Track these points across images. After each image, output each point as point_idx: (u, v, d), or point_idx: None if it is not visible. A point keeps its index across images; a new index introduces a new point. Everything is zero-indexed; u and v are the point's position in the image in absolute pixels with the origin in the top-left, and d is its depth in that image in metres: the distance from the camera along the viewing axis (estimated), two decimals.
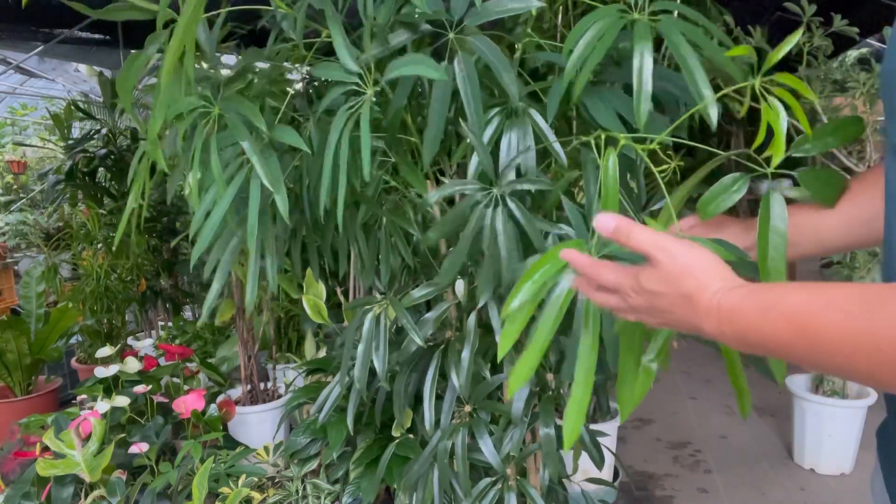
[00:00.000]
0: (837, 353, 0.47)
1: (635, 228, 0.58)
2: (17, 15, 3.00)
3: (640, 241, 0.58)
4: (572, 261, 0.63)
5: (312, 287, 2.00)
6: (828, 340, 0.47)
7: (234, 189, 0.94)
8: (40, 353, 3.01)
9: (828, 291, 0.49)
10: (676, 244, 0.57)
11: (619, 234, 0.59)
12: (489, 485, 1.28)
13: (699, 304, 0.55)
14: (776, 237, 0.70)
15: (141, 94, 3.29)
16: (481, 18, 0.88)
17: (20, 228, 5.22)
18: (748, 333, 0.52)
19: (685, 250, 0.57)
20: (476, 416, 1.29)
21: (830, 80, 2.31)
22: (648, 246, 0.58)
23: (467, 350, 1.17)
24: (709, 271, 0.56)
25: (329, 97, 0.93)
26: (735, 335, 0.53)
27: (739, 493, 2.43)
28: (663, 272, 0.56)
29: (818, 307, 0.48)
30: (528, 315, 0.70)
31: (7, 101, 6.77)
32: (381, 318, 1.22)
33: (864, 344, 0.45)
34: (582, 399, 0.68)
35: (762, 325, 0.51)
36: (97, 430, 1.65)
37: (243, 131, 0.91)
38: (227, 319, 2.75)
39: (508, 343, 0.70)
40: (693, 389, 3.53)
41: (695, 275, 0.55)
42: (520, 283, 0.67)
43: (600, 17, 0.80)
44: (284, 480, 1.80)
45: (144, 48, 1.00)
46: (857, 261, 2.34)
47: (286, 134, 0.94)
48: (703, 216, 0.75)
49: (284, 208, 0.92)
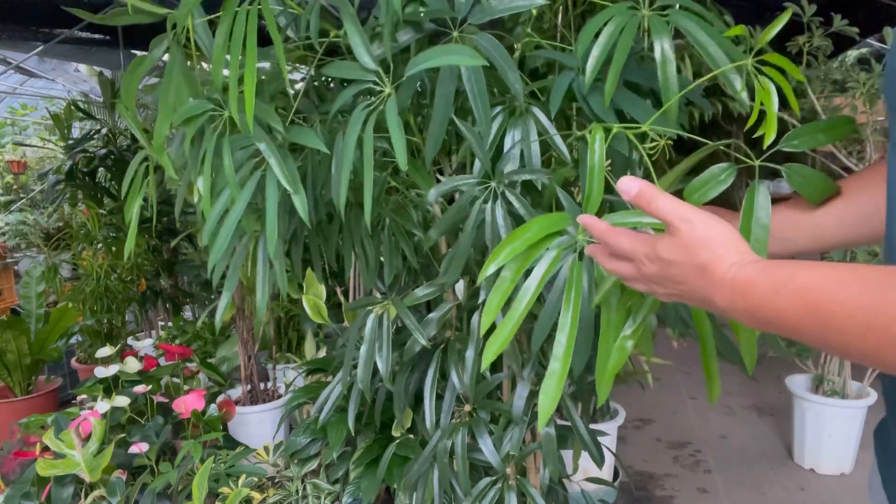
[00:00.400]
0: (847, 330, 0.47)
1: (658, 195, 0.58)
2: (18, 15, 3.00)
3: (662, 207, 0.57)
4: (589, 226, 0.62)
5: (312, 287, 2.00)
6: (839, 318, 0.47)
7: (249, 191, 0.93)
8: (40, 353, 3.01)
9: (841, 270, 0.49)
10: (698, 215, 0.57)
11: (642, 198, 0.58)
12: (489, 484, 1.28)
13: (714, 276, 0.54)
14: (759, 228, 0.70)
15: (141, 94, 3.30)
16: (486, 16, 0.87)
17: (20, 228, 5.22)
18: (760, 308, 0.52)
19: (706, 221, 0.56)
20: (476, 416, 1.29)
21: (830, 80, 2.31)
22: (669, 214, 0.57)
23: (471, 350, 1.17)
24: (727, 244, 0.55)
25: (344, 96, 0.92)
26: (747, 310, 0.53)
27: (739, 493, 2.43)
28: (682, 241, 0.56)
29: (831, 284, 0.48)
30: (512, 285, 0.70)
31: (7, 101, 6.77)
32: (384, 319, 1.22)
33: (874, 322, 0.45)
34: (560, 374, 0.69)
35: (775, 301, 0.51)
36: (97, 430, 1.65)
37: (259, 133, 0.90)
38: (227, 319, 2.75)
39: (492, 317, 0.70)
40: (693, 389, 3.53)
41: (712, 247, 0.55)
42: (498, 250, 0.67)
43: (612, 14, 0.80)
44: (284, 480, 1.80)
45: (149, 51, 1.00)
46: (856, 260, 2.35)
47: (302, 135, 0.93)
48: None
49: (304, 209, 0.91)
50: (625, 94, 0.88)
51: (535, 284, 0.70)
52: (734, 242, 0.56)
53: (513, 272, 0.70)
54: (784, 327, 0.51)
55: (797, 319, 0.50)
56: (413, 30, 0.93)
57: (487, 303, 0.70)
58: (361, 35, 0.88)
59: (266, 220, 0.92)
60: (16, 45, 3.71)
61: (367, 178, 0.85)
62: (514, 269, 0.70)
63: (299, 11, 1.00)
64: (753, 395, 3.41)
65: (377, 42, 0.94)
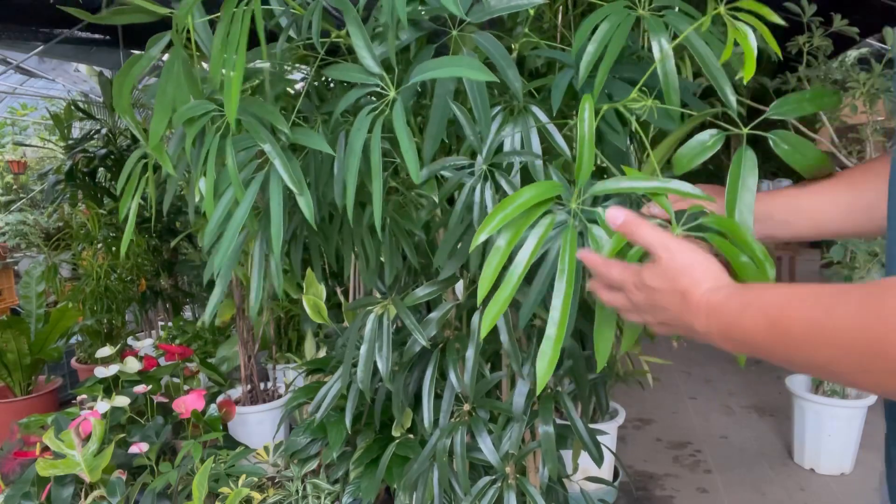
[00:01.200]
0: (803, 347, 0.48)
1: (642, 224, 0.61)
2: (18, 15, 3.00)
3: (645, 236, 0.60)
4: (586, 260, 0.65)
5: (312, 287, 2.00)
6: (795, 334, 0.48)
7: (253, 192, 0.93)
8: (40, 353, 3.01)
9: (800, 288, 0.50)
10: (678, 243, 0.59)
11: (626, 227, 0.62)
12: (488, 483, 1.28)
13: (691, 301, 0.57)
14: (746, 192, 0.71)
15: (140, 93, 3.30)
16: (485, 15, 0.87)
17: (20, 228, 5.22)
18: (731, 329, 0.54)
19: (685, 249, 0.59)
20: (475, 415, 1.29)
21: (830, 80, 2.32)
22: (652, 242, 0.60)
23: (471, 349, 1.17)
24: (705, 271, 0.57)
25: (348, 99, 0.92)
26: (720, 331, 0.55)
27: (739, 493, 2.43)
28: (662, 268, 0.58)
29: (790, 301, 0.50)
30: (507, 253, 0.69)
31: (7, 101, 6.78)
32: (384, 319, 1.22)
33: (825, 337, 0.46)
34: (557, 338, 0.68)
35: (742, 321, 0.53)
36: (97, 430, 1.65)
37: (264, 133, 0.90)
38: (227, 319, 2.75)
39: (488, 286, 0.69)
40: (693, 389, 3.53)
41: (690, 273, 0.57)
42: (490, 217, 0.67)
43: (608, 12, 0.80)
44: (284, 480, 1.80)
45: (146, 50, 1.00)
46: (857, 261, 2.35)
47: (307, 137, 0.93)
48: (676, 170, 0.76)
49: (309, 210, 0.91)
50: (621, 86, 0.88)
51: (529, 251, 0.70)
52: (711, 269, 0.58)
53: (507, 241, 0.69)
54: (753, 346, 0.53)
55: (762, 338, 0.51)
56: (413, 28, 0.93)
57: (483, 272, 0.70)
58: (365, 38, 0.88)
59: (272, 222, 0.92)
60: (16, 45, 3.71)
61: (376, 183, 0.84)
62: (507, 238, 0.69)
63: (301, 12, 1.00)
64: (753, 395, 3.41)
65: (377, 41, 0.94)
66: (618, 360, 2.40)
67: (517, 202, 0.68)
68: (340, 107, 0.93)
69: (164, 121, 0.96)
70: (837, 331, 0.45)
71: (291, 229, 1.22)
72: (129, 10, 0.98)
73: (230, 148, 0.90)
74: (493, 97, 1.00)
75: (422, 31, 0.94)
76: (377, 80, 0.88)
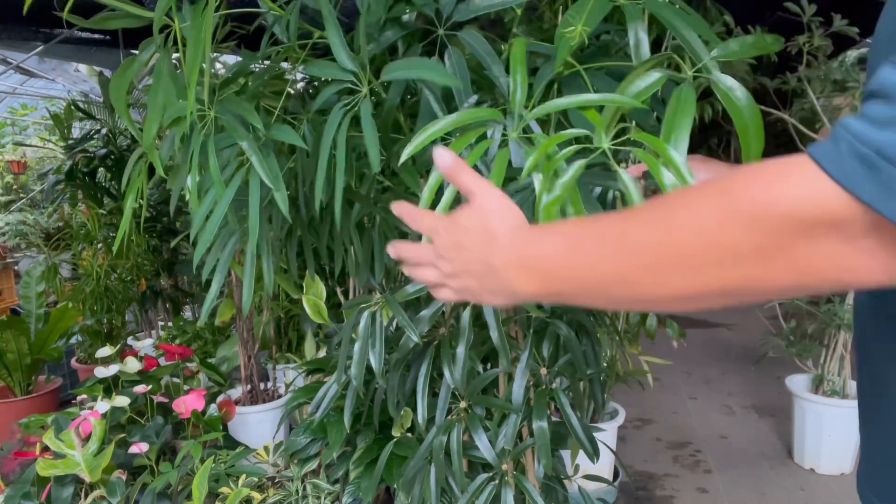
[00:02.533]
0: (599, 261, 0.49)
1: (465, 169, 0.63)
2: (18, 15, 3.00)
3: (466, 179, 0.62)
4: (402, 213, 0.66)
5: (312, 287, 2.00)
6: (587, 249, 0.49)
7: (233, 190, 0.94)
8: (40, 353, 3.01)
9: (605, 214, 0.51)
10: (496, 189, 0.61)
11: (451, 169, 0.64)
12: (486, 480, 1.28)
13: (494, 235, 0.58)
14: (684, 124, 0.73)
15: (141, 93, 3.30)
16: (470, 13, 0.88)
17: (20, 228, 5.22)
18: (529, 258, 0.54)
19: (501, 195, 0.60)
20: (471, 412, 1.29)
21: (830, 80, 2.31)
22: (470, 183, 0.62)
23: (462, 346, 1.18)
24: (515, 213, 0.59)
25: (323, 95, 0.94)
26: (519, 262, 0.55)
27: (739, 493, 2.43)
28: (476, 207, 0.60)
29: (591, 221, 0.51)
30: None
31: (7, 101, 6.77)
32: (377, 316, 1.23)
33: (623, 245, 0.47)
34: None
35: (542, 245, 0.54)
36: (97, 430, 1.65)
37: (241, 131, 0.91)
38: (227, 319, 2.75)
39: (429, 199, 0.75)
40: (693, 389, 3.53)
41: (499, 212, 0.59)
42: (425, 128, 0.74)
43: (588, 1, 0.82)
44: (284, 480, 1.80)
45: (139, 53, 1.01)
46: None
47: (283, 133, 0.95)
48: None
49: (284, 205, 0.93)
50: (602, 79, 0.89)
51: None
52: (521, 216, 0.59)
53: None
54: (551, 274, 0.53)
55: (561, 260, 0.51)
56: (399, 27, 0.94)
57: (426, 188, 0.75)
58: (340, 36, 0.90)
59: (250, 216, 0.93)
60: (16, 45, 3.71)
61: (339, 177, 0.87)
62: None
63: (280, 13, 1.01)
64: (753, 395, 3.41)
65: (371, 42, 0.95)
66: (618, 359, 2.40)
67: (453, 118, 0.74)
68: (317, 103, 0.95)
69: (156, 122, 0.97)
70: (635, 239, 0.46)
71: (286, 227, 1.22)
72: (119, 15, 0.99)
73: (212, 146, 0.92)
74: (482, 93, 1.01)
75: (405, 29, 0.95)
76: (351, 76, 0.90)
